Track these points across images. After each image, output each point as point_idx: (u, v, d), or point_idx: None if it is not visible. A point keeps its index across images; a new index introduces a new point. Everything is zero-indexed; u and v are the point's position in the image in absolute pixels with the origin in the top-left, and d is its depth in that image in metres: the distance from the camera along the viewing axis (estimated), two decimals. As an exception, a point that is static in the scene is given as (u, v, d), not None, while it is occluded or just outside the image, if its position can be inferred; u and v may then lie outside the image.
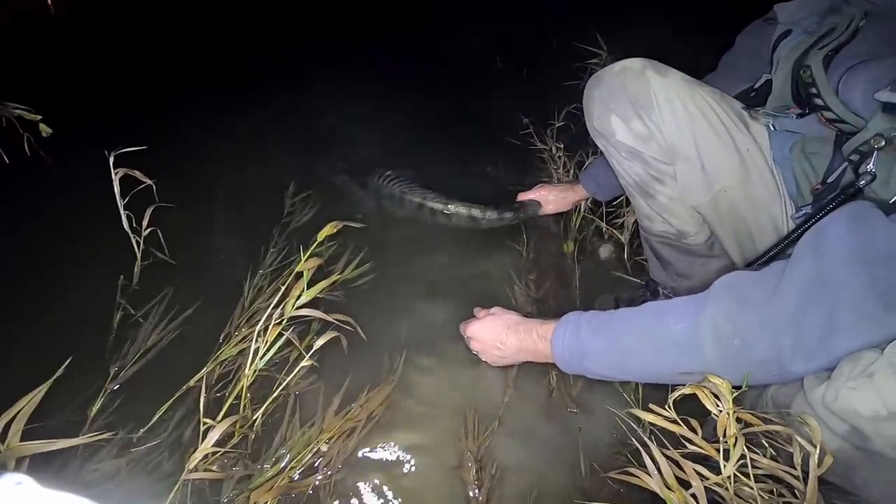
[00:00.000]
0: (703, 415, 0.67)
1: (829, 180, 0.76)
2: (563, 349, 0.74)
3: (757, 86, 0.91)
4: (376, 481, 0.87)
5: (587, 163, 1.37)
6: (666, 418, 0.67)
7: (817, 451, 0.57)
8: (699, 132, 0.87)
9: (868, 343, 0.50)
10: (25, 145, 1.16)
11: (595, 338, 0.71)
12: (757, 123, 0.90)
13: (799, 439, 0.59)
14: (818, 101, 0.76)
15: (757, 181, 0.88)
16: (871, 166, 0.66)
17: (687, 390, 0.63)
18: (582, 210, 1.38)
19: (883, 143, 0.64)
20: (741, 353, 0.57)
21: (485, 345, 0.87)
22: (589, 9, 2.00)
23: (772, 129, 0.89)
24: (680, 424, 0.66)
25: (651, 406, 0.68)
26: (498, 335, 0.85)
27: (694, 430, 0.65)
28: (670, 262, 1.08)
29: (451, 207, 1.35)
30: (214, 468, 0.80)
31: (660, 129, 0.88)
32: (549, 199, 1.34)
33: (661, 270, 1.13)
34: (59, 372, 0.68)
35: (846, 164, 0.72)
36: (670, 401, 0.65)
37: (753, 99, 0.91)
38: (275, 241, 1.27)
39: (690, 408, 0.67)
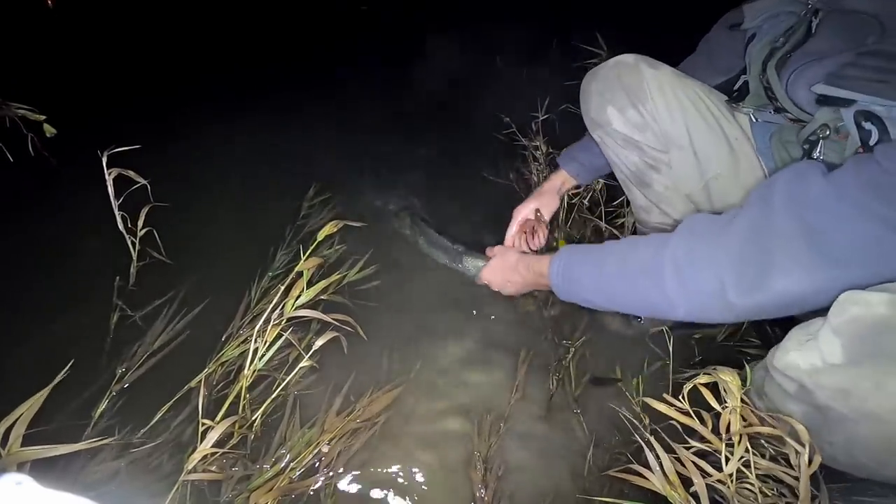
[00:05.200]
0: (710, 408, 0.68)
1: None
2: (559, 277, 0.84)
3: (737, 87, 0.96)
4: (377, 483, 0.86)
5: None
6: (679, 409, 0.67)
7: (807, 450, 0.59)
8: (690, 121, 0.92)
9: (799, 282, 0.55)
10: (29, 145, 1.16)
11: (581, 264, 0.81)
12: (741, 116, 0.94)
13: (787, 437, 0.60)
14: (777, 104, 0.82)
15: (746, 169, 0.92)
16: (818, 154, 0.72)
17: (702, 379, 0.65)
18: (566, 203, 1.37)
19: (828, 133, 0.69)
20: (693, 283, 0.63)
21: (498, 284, 1.03)
22: (589, 9, 2.00)
23: (753, 120, 0.93)
24: (692, 417, 0.66)
25: (665, 396, 0.69)
26: (505, 275, 1.01)
27: (704, 423, 0.66)
28: None
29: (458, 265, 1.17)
30: (214, 469, 0.80)
31: (654, 118, 0.92)
32: (543, 206, 1.26)
33: None
34: (60, 377, 0.68)
35: (805, 153, 0.76)
36: (684, 391, 0.66)
37: (735, 98, 0.95)
38: (287, 243, 1.27)
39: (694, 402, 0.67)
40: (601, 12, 1.92)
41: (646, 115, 0.93)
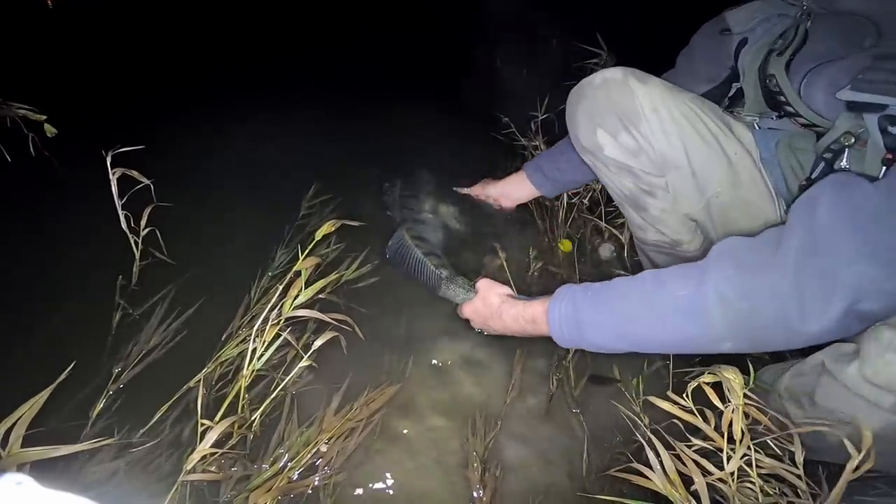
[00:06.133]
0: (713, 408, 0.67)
1: (813, 176, 0.77)
2: (561, 323, 0.75)
3: (731, 94, 0.93)
4: (376, 482, 0.86)
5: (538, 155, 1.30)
6: (682, 407, 0.67)
7: (861, 456, 0.57)
8: (688, 140, 0.86)
9: (871, 300, 0.52)
10: (30, 145, 1.15)
11: (593, 308, 0.72)
12: (740, 126, 0.90)
13: (846, 441, 0.58)
14: (788, 109, 0.78)
15: (747, 184, 0.88)
16: (844, 163, 0.69)
17: (706, 378, 0.63)
18: (565, 203, 1.37)
19: (853, 141, 0.66)
20: (748, 317, 0.58)
21: (478, 324, 0.96)
22: (589, 9, 2.00)
23: (756, 127, 0.90)
24: (695, 415, 0.66)
25: (668, 394, 0.68)
26: (486, 319, 0.92)
27: (707, 421, 0.66)
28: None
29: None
30: (213, 469, 0.80)
31: (648, 141, 0.87)
32: (493, 194, 1.31)
33: None
34: (62, 377, 0.68)
35: (822, 162, 0.73)
36: (688, 389, 0.66)
37: (728, 107, 0.93)
38: (286, 242, 1.27)
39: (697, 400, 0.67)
40: (601, 12, 1.92)
41: (639, 138, 0.88)
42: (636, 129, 0.87)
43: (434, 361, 1.06)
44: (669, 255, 1.04)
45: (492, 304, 0.90)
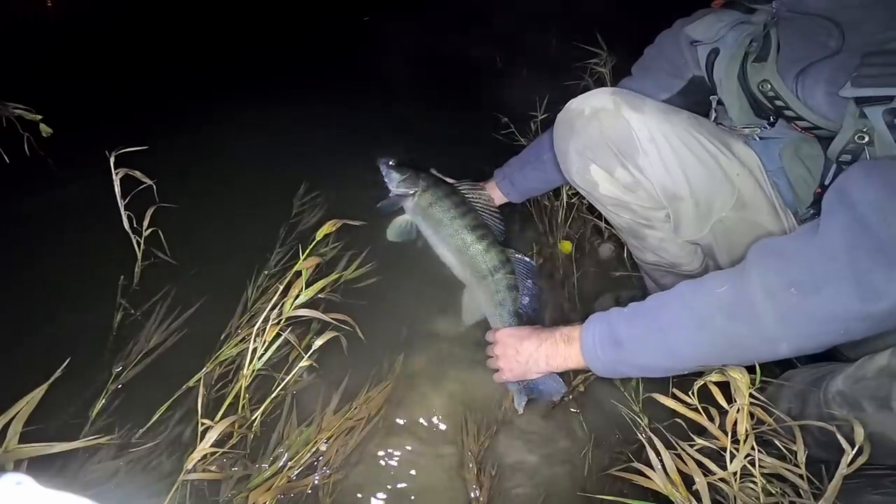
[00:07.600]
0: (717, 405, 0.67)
1: (826, 183, 0.75)
2: (595, 342, 0.72)
3: (715, 106, 0.90)
4: (375, 480, 0.86)
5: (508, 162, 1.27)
6: (687, 405, 0.66)
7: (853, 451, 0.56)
8: (688, 168, 0.83)
9: None
10: (25, 145, 1.15)
11: (630, 323, 0.69)
12: (738, 142, 0.88)
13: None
14: (789, 113, 0.75)
15: (751, 204, 0.86)
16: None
17: (714, 377, 0.62)
18: (565, 203, 1.37)
19: (867, 139, 0.64)
20: (800, 308, 0.55)
21: (505, 348, 0.89)
22: (589, 9, 2.00)
23: (756, 139, 0.87)
24: (700, 413, 0.66)
25: (674, 391, 0.67)
26: (519, 339, 0.86)
27: (712, 420, 0.65)
28: (666, 285, 1.06)
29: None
30: (213, 468, 0.80)
31: (646, 175, 0.84)
32: None
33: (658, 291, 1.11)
34: (57, 374, 0.68)
35: (835, 166, 0.71)
36: (694, 388, 0.65)
37: (716, 121, 0.90)
38: (281, 241, 1.27)
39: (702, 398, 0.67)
40: (601, 12, 1.92)
41: (636, 173, 0.83)
42: (633, 164, 0.83)
43: (434, 361, 1.06)
44: (669, 273, 1.03)
45: (530, 327, 0.89)
